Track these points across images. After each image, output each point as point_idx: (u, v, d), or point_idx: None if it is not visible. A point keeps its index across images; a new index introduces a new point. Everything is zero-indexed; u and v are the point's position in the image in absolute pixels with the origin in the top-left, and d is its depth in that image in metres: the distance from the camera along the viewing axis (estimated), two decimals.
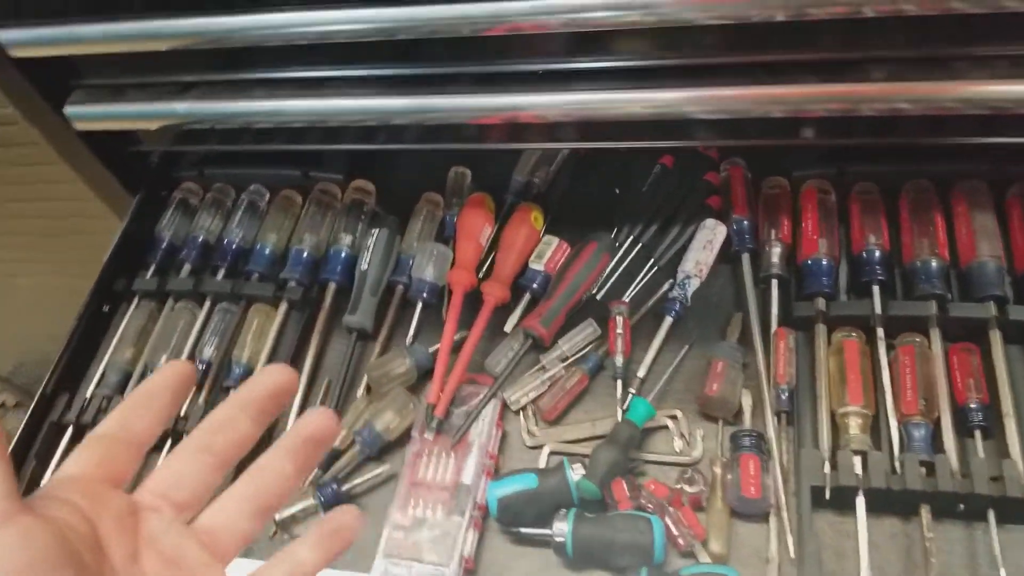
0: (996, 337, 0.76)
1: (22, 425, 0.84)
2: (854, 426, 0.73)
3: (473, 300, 0.87)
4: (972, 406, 0.73)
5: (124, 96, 0.85)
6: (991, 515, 0.69)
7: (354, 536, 0.37)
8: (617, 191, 0.95)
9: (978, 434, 0.72)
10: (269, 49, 0.78)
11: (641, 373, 0.82)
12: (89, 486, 0.33)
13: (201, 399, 0.85)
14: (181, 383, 0.38)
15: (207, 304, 0.91)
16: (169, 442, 0.79)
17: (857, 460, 0.72)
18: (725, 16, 0.68)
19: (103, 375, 0.88)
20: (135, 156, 0.97)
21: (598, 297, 0.89)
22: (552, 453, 0.80)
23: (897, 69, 0.72)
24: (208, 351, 0.88)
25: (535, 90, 0.79)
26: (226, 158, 1.00)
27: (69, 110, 0.86)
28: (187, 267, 0.93)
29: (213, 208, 0.98)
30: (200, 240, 0.95)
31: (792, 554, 0.70)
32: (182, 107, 0.84)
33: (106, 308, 0.92)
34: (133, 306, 0.93)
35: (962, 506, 0.69)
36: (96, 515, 0.32)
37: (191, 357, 0.88)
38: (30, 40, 0.79)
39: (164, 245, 0.95)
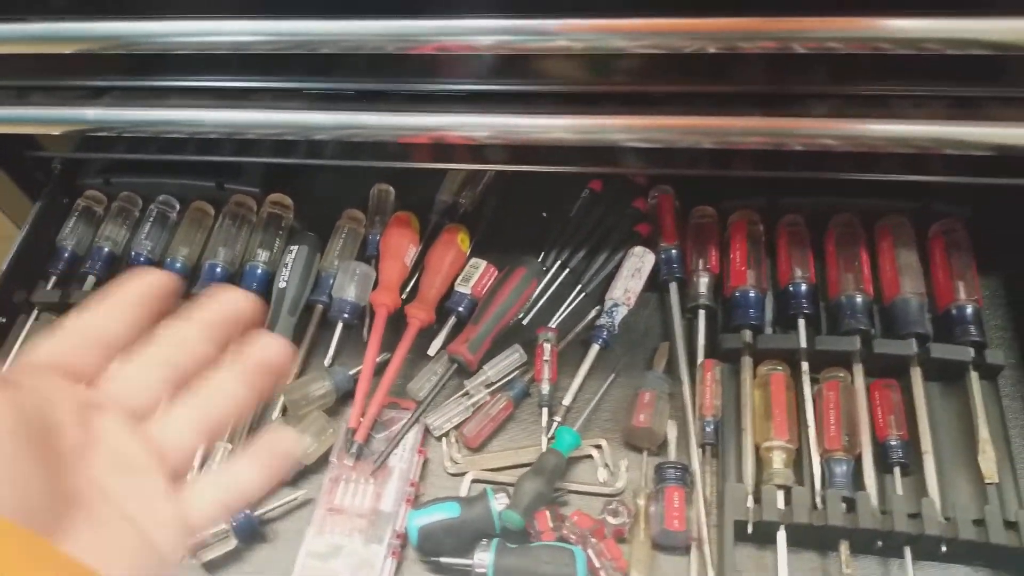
0: (917, 374, 0.77)
1: None
2: (778, 460, 0.73)
3: (396, 322, 0.84)
4: (892, 443, 0.74)
5: (29, 99, 0.80)
6: (907, 552, 0.69)
7: (292, 455, 0.39)
8: (544, 215, 0.94)
9: (897, 471, 0.73)
10: (186, 57, 0.74)
11: (567, 401, 0.80)
12: (53, 375, 0.33)
13: None
14: (162, 295, 0.37)
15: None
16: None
17: (780, 494, 0.71)
18: (656, 46, 0.67)
19: None
20: (36, 162, 0.91)
21: (524, 322, 0.87)
22: (474, 481, 0.78)
23: (826, 105, 0.73)
24: None
25: (462, 111, 0.77)
26: (134, 166, 0.95)
27: None
28: (91, 279, 0.88)
29: (119, 218, 0.92)
30: (105, 251, 0.90)
31: None
32: (92, 113, 0.78)
33: (2, 320, 0.86)
34: (32, 318, 0.87)
35: (880, 543, 0.70)
36: (54, 403, 0.32)
37: None
38: None
39: (67, 255, 0.90)
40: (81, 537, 0.30)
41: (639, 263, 0.86)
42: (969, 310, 0.78)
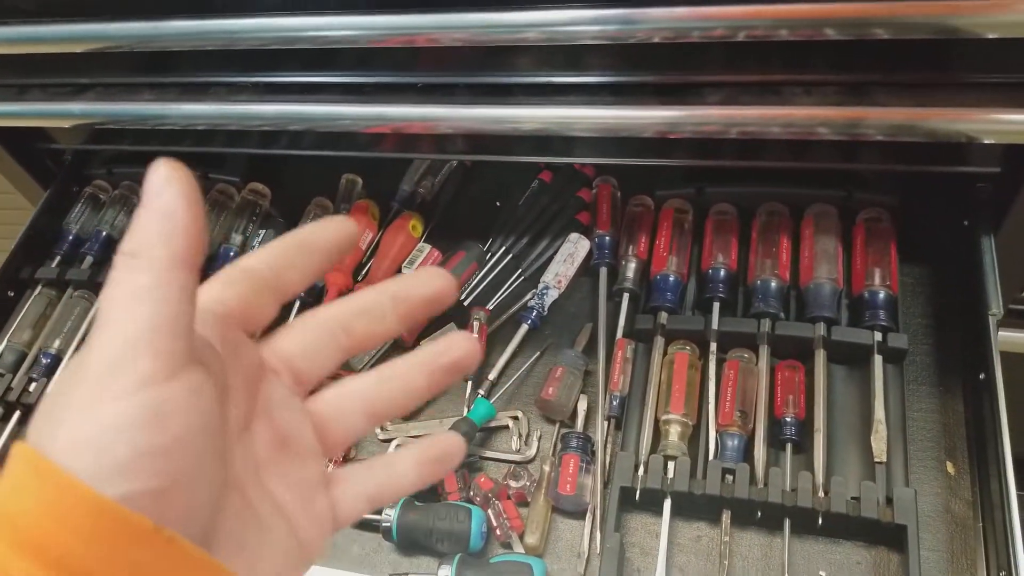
0: (820, 356, 0.79)
1: None
2: (673, 433, 0.77)
3: None
4: (787, 419, 0.77)
5: (27, 96, 0.91)
6: (786, 524, 0.72)
7: (455, 465, 0.35)
8: (498, 204, 1.00)
9: (789, 447, 0.76)
10: (176, 53, 0.83)
11: (492, 376, 0.86)
12: (229, 329, 0.29)
13: None
14: (344, 241, 0.33)
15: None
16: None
17: (671, 465, 0.75)
18: (608, 36, 0.71)
19: (0, 355, 0.93)
20: (50, 153, 1.03)
21: (466, 303, 0.93)
22: (399, 446, 0.84)
23: (762, 93, 0.76)
24: None
25: (426, 102, 0.84)
26: (136, 158, 1.06)
27: None
28: (89, 259, 0.99)
29: (119, 204, 1.03)
30: (104, 235, 1.00)
31: (599, 550, 0.73)
32: (77, 107, 0.89)
33: (11, 293, 0.98)
34: (35, 292, 0.98)
35: (759, 513, 0.73)
36: (229, 367, 0.29)
37: (83, 342, 0.93)
38: None
39: (70, 238, 1.01)
40: (231, 532, 0.27)
41: (572, 249, 0.91)
42: (881, 295, 0.80)
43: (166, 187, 0.26)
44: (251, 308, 0.30)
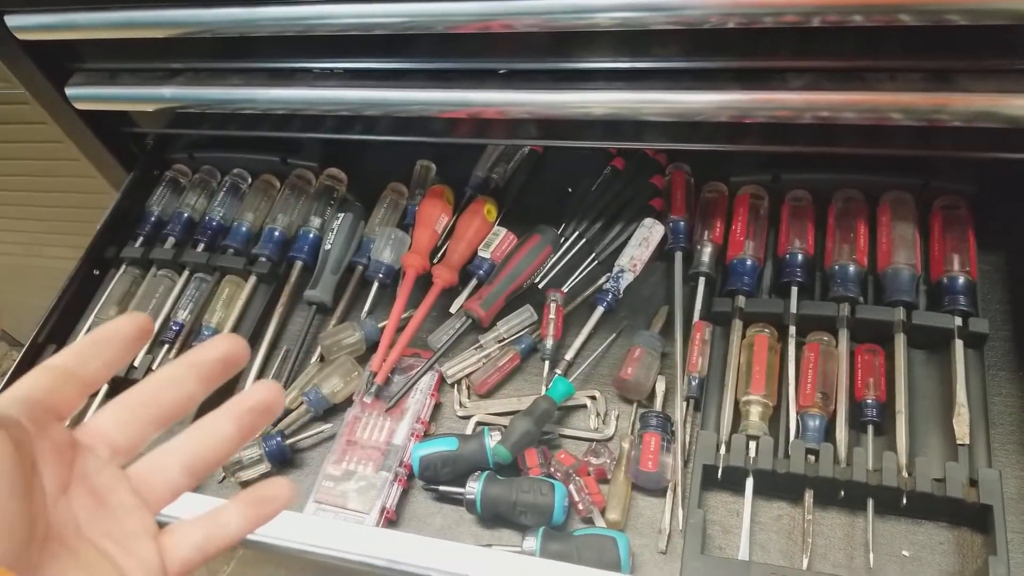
0: (900, 340, 0.79)
1: (11, 369, 0.93)
2: (754, 414, 0.78)
3: (425, 283, 0.94)
4: (868, 402, 0.77)
5: (118, 80, 0.94)
6: (870, 503, 0.73)
7: (283, 507, 0.38)
8: (570, 190, 1.01)
9: (870, 429, 0.76)
10: (258, 39, 0.86)
11: (569, 356, 0.88)
12: (35, 411, 0.33)
13: (160, 356, 0.94)
14: (137, 335, 0.37)
15: (185, 273, 1.00)
16: (105, 388, 0.88)
17: (753, 444, 0.76)
18: (680, 21, 0.72)
19: (88, 330, 0.96)
20: (133, 137, 1.06)
21: (540, 286, 0.95)
22: (479, 423, 0.86)
23: (842, 79, 0.77)
24: (182, 314, 0.96)
25: (499, 87, 0.86)
26: (215, 143, 1.09)
27: (69, 91, 0.95)
28: (171, 240, 1.02)
29: (199, 188, 1.06)
30: (185, 216, 1.03)
31: (681, 526, 0.75)
32: (168, 92, 0.92)
33: (96, 272, 1.01)
34: (120, 271, 1.01)
35: (843, 493, 0.73)
36: (37, 439, 0.33)
37: (167, 319, 0.96)
38: (34, 25, 0.88)
39: (153, 219, 1.04)
40: (55, 572, 0.31)
41: (647, 233, 0.92)
42: (961, 281, 0.81)
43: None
44: (56, 396, 0.35)
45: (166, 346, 0.94)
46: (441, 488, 0.81)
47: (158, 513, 0.36)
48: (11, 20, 0.88)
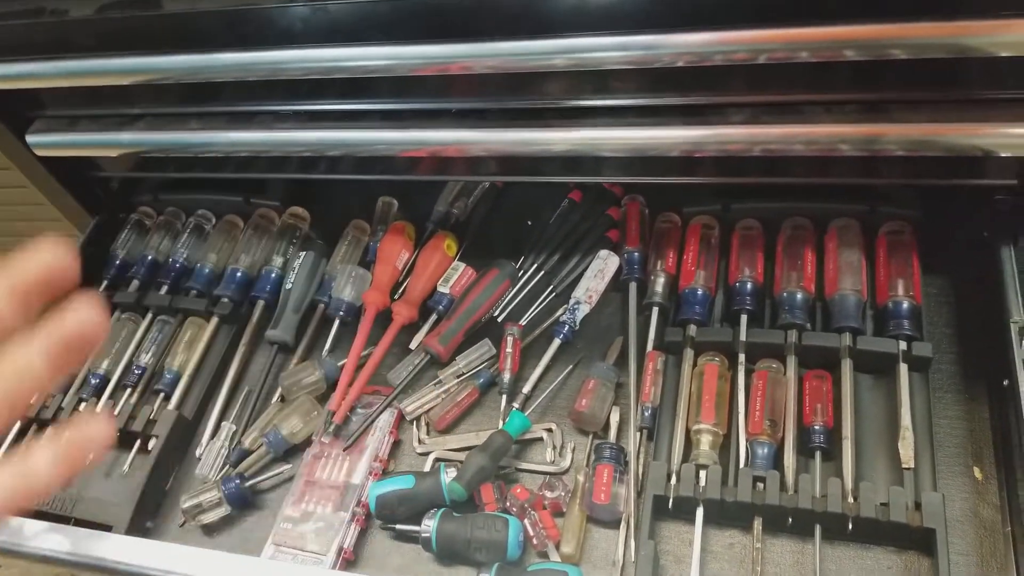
0: (847, 365, 0.81)
1: None
2: (704, 442, 0.79)
3: (386, 319, 0.95)
4: (816, 428, 0.78)
5: (78, 126, 0.96)
6: (817, 530, 0.74)
7: (102, 448, 0.34)
8: (529, 223, 1.03)
9: (818, 455, 0.77)
10: (219, 84, 0.87)
11: (526, 389, 0.89)
12: None
13: (123, 400, 0.95)
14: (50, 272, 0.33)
15: (148, 316, 1.01)
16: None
17: (703, 474, 0.77)
18: (633, 61, 0.74)
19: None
20: (98, 181, 1.07)
21: (499, 319, 0.96)
22: (437, 459, 0.87)
23: (780, 112, 0.79)
24: (145, 358, 0.97)
25: (459, 126, 0.87)
26: (180, 184, 1.11)
27: (30, 139, 0.97)
28: (135, 283, 1.03)
29: (164, 230, 1.07)
30: (149, 259, 1.05)
31: (633, 557, 0.76)
32: (128, 137, 0.94)
33: None
34: None
35: (791, 520, 0.75)
36: None
37: (130, 363, 0.97)
38: None
39: (118, 262, 1.05)
40: None
41: (602, 265, 0.94)
42: (905, 305, 0.82)
43: None
44: None
45: (128, 390, 0.95)
46: (398, 527, 0.82)
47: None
48: None
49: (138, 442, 0.91)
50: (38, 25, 0.86)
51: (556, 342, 0.91)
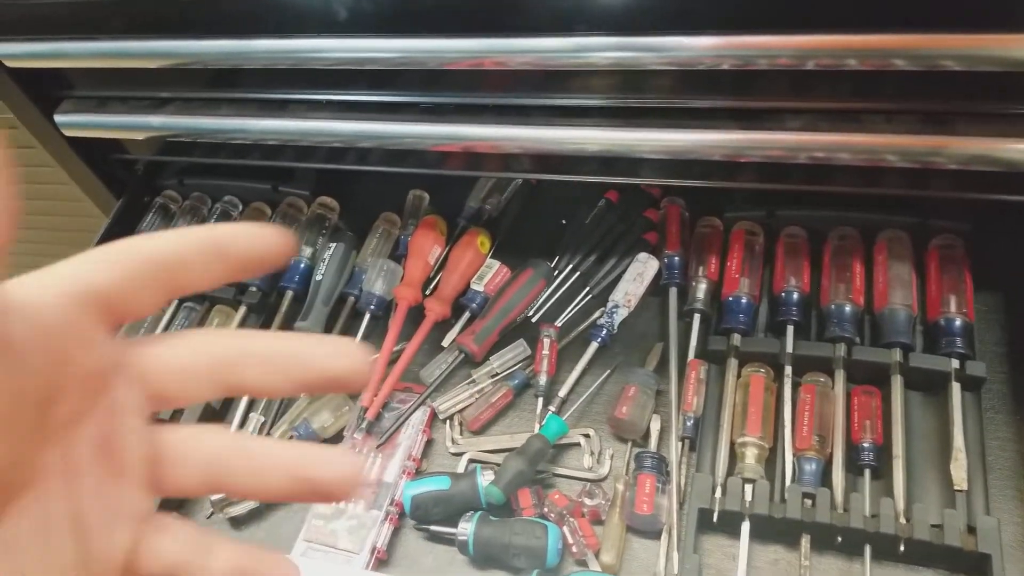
0: (897, 382, 0.79)
1: None
2: (750, 456, 0.77)
3: (417, 315, 0.93)
4: (865, 445, 0.77)
5: (107, 108, 0.93)
6: (867, 549, 0.72)
7: None
8: (564, 222, 1.01)
9: (867, 473, 0.76)
10: (250, 71, 0.85)
11: (563, 393, 0.87)
12: (85, 316, 0.24)
13: None
14: (265, 254, 0.29)
15: (174, 302, 0.98)
16: None
17: (749, 488, 0.75)
18: (674, 62, 0.73)
19: None
20: (122, 164, 1.04)
21: (534, 320, 0.94)
22: (471, 461, 0.85)
23: (838, 120, 0.76)
24: None
25: (493, 122, 0.85)
26: (206, 170, 1.08)
27: (58, 118, 0.94)
28: None
29: (189, 215, 1.05)
30: None
31: (676, 570, 0.74)
32: (157, 120, 0.91)
33: None
34: None
35: (840, 539, 0.73)
36: (64, 365, 0.23)
37: None
38: (23, 53, 0.87)
39: None
40: (14, 523, 0.23)
41: (642, 268, 0.92)
42: (957, 323, 0.80)
43: None
44: (126, 298, 0.25)
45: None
46: (433, 528, 0.80)
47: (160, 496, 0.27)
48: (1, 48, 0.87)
49: None
50: (69, 4, 0.83)
51: (593, 346, 0.89)
